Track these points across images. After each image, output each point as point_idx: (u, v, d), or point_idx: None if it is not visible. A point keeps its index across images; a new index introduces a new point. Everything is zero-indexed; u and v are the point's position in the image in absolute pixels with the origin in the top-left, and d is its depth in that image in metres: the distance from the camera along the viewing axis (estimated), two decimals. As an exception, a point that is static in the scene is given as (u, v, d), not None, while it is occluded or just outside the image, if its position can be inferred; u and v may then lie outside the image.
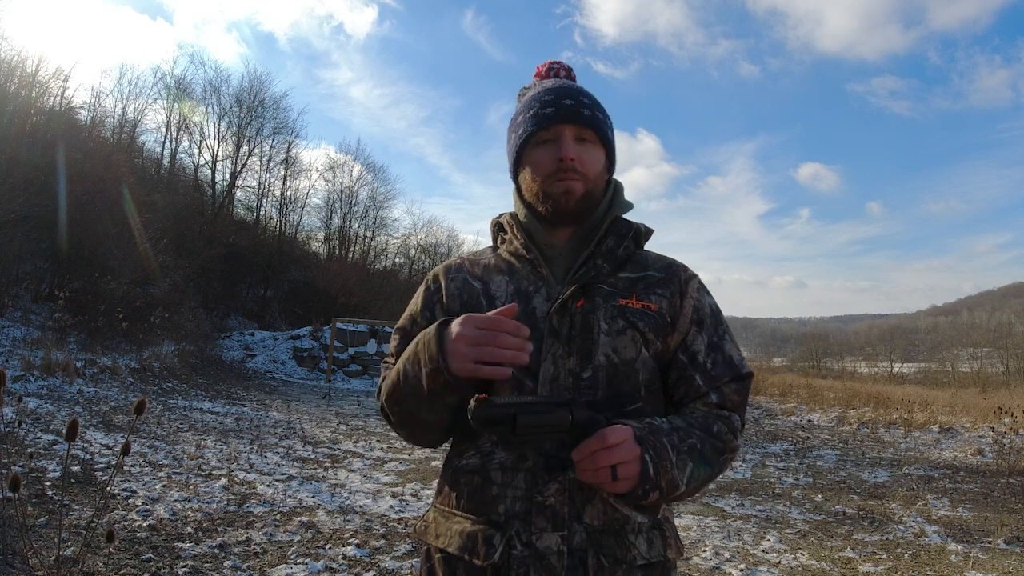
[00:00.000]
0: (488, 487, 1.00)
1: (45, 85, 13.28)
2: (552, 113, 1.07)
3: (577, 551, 0.95)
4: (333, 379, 14.96)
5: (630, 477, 0.87)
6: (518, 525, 0.96)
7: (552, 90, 1.10)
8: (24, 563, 2.65)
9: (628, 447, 0.88)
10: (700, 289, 1.10)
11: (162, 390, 9.29)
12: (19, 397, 5.88)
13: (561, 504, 0.96)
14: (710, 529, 4.68)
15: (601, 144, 1.10)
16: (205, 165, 22.87)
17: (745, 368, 1.07)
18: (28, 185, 10.21)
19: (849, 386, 18.08)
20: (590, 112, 1.08)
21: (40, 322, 10.07)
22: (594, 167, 1.08)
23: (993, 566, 4.10)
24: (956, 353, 60.46)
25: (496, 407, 0.84)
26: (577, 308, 1.03)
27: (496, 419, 0.83)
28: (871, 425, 11.26)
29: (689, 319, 1.07)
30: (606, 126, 1.11)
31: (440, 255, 29.83)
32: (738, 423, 1.04)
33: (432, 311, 1.12)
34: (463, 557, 0.99)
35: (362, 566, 3.40)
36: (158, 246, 13.45)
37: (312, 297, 21.31)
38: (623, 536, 0.97)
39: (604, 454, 0.86)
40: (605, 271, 1.06)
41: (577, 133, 1.07)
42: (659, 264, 1.11)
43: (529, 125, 1.09)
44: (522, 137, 1.10)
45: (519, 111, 1.14)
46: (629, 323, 1.02)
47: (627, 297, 1.04)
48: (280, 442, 6.71)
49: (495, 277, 1.11)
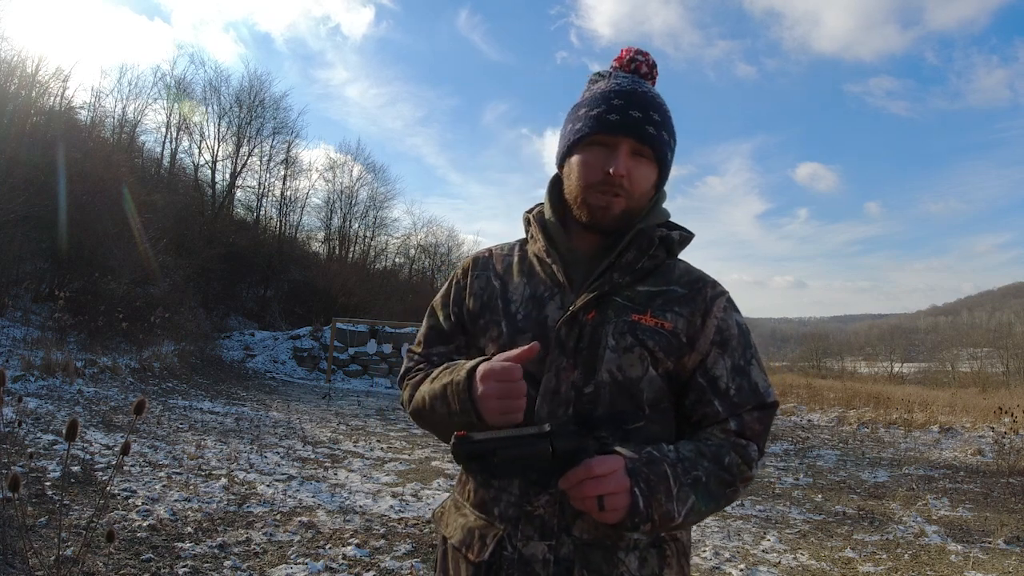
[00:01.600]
0: (488, 488, 1.03)
1: (45, 85, 13.29)
2: (616, 121, 1.01)
3: (564, 561, 0.96)
4: (333, 379, 14.96)
5: (617, 508, 0.86)
6: (510, 529, 0.98)
7: (624, 93, 1.04)
8: (24, 563, 2.65)
9: (616, 479, 0.86)
10: (727, 308, 1.05)
11: (162, 390, 9.29)
12: (19, 397, 5.88)
13: (551, 515, 0.97)
14: (710, 529, 4.68)
15: (656, 163, 1.05)
16: (205, 165, 22.88)
17: (771, 397, 1.02)
18: (28, 185, 10.21)
19: (849, 386, 18.09)
20: (655, 131, 1.03)
21: (40, 322, 10.06)
22: (642, 185, 1.04)
23: (993, 566, 4.10)
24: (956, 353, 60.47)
25: (475, 443, 0.85)
26: (588, 320, 1.01)
27: (475, 455, 0.85)
28: (871, 425, 11.26)
29: (711, 340, 1.02)
30: (668, 147, 1.06)
31: (440, 255, 29.85)
32: (755, 453, 0.99)
33: (460, 307, 1.15)
34: (461, 550, 1.03)
35: (362, 566, 3.40)
36: (158, 246, 13.45)
37: (312, 297, 21.31)
38: (612, 552, 0.97)
39: (590, 484, 0.85)
40: (622, 283, 1.02)
41: (635, 148, 1.02)
42: (685, 279, 1.06)
43: (590, 124, 1.03)
44: (579, 133, 1.05)
45: (584, 101, 1.07)
46: (638, 340, 0.99)
47: (642, 313, 1.01)
48: (280, 442, 6.71)
49: (515, 278, 1.10)
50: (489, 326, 1.09)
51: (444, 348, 1.16)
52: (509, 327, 1.06)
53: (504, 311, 1.07)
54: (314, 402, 10.88)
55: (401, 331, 16.15)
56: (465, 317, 1.14)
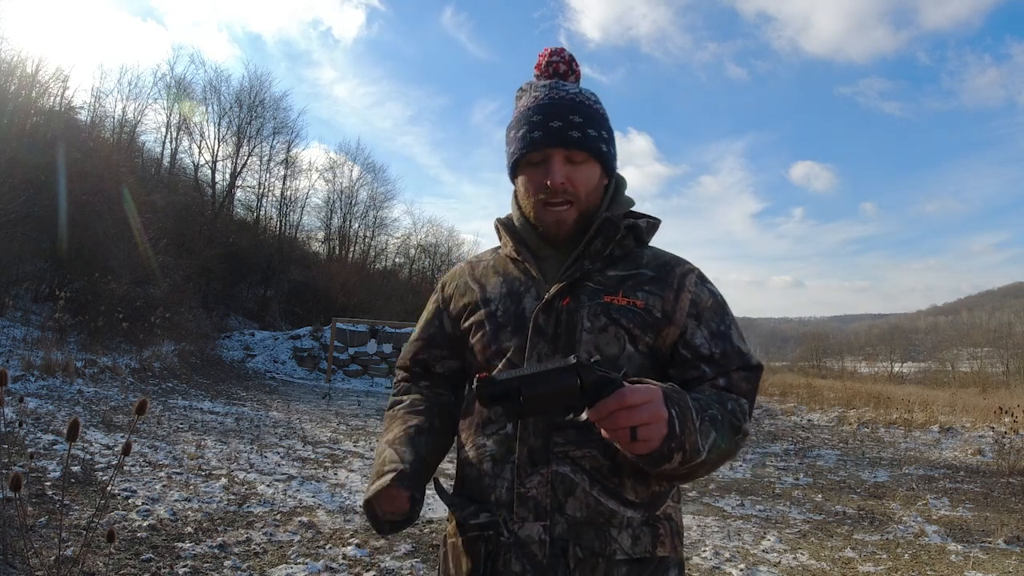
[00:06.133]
0: (483, 477, 1.05)
1: (45, 85, 13.28)
2: (540, 138, 1.05)
3: (559, 541, 0.98)
4: (333, 379, 14.96)
5: (652, 439, 0.84)
6: (506, 513, 1.01)
7: (542, 107, 1.07)
8: (24, 563, 2.65)
9: (652, 409, 0.84)
10: (699, 282, 1.08)
11: (162, 390, 9.29)
12: (19, 397, 5.88)
13: (543, 496, 0.99)
14: (710, 529, 4.68)
15: (595, 159, 1.08)
16: (205, 165, 22.87)
17: (754, 359, 1.06)
18: (28, 185, 10.22)
19: (849, 386, 18.09)
20: (579, 133, 1.05)
21: (40, 322, 10.06)
22: (586, 185, 1.07)
23: (993, 566, 4.10)
24: (956, 353, 60.36)
25: (499, 384, 0.83)
26: (563, 306, 1.04)
27: (500, 396, 0.83)
28: (871, 425, 11.26)
29: (687, 313, 1.05)
30: (599, 140, 1.08)
31: (440, 255, 29.83)
32: (747, 408, 1.03)
33: (441, 319, 1.22)
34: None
35: (362, 566, 3.40)
36: (158, 246, 13.44)
37: (312, 297, 21.30)
38: (605, 530, 0.98)
39: (623, 415, 0.83)
40: (593, 270, 1.06)
41: (567, 156, 1.05)
42: (655, 263, 1.09)
43: (519, 146, 1.08)
44: (513, 156, 1.11)
45: (513, 123, 1.12)
46: (612, 320, 1.03)
47: (614, 294, 1.04)
48: (280, 442, 6.71)
49: (492, 279, 1.15)
50: (473, 326, 1.13)
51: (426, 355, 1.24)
52: (491, 324, 1.10)
53: (485, 311, 1.12)
54: (314, 402, 10.88)
55: (401, 331, 16.14)
56: (449, 325, 1.20)
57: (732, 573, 3.78)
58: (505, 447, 1.03)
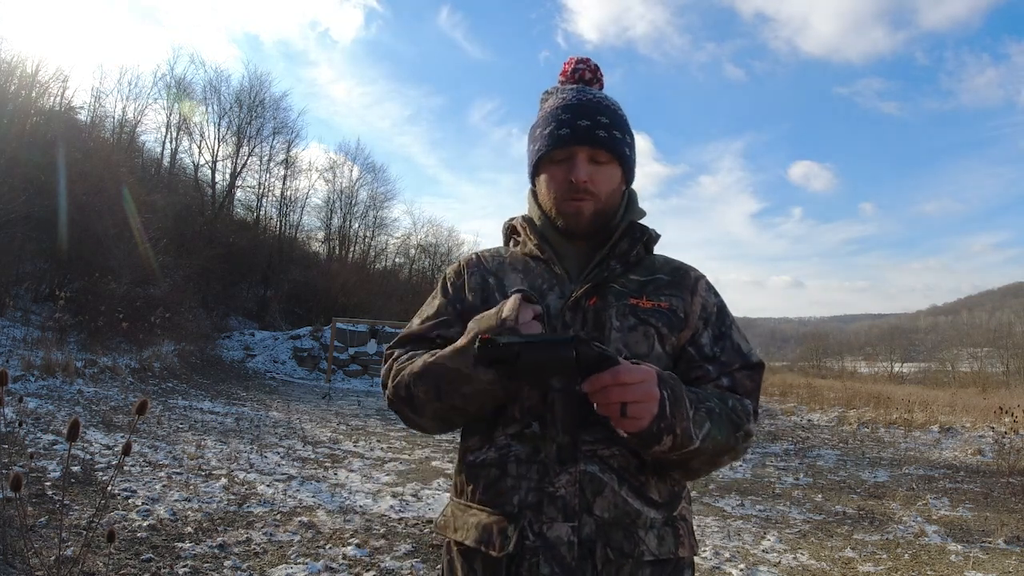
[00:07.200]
0: (504, 479, 1.02)
1: (45, 86, 13.31)
2: (567, 135, 1.08)
3: (587, 542, 0.97)
4: (333, 379, 14.96)
5: (642, 417, 0.87)
6: (531, 515, 0.98)
7: (570, 107, 1.11)
8: (24, 563, 2.65)
9: (645, 388, 0.88)
10: (708, 289, 1.13)
11: (162, 390, 9.29)
12: (19, 397, 5.88)
13: (571, 495, 0.98)
14: (710, 529, 4.68)
15: (617, 161, 1.11)
16: (205, 165, 22.89)
17: (755, 357, 1.09)
18: (28, 185, 10.23)
19: (849, 386, 18.10)
20: (606, 133, 1.09)
21: (40, 322, 10.06)
22: (608, 185, 1.10)
23: (993, 566, 4.10)
24: (956, 353, 60.38)
25: (500, 347, 0.86)
26: (590, 306, 1.05)
27: (500, 357, 0.86)
28: (871, 425, 11.26)
29: (699, 316, 1.09)
30: (623, 144, 1.11)
31: (440, 255, 29.85)
32: (751, 408, 1.05)
33: (462, 302, 1.14)
34: (480, 549, 1.01)
35: (362, 566, 3.40)
36: (158, 246, 13.46)
37: (312, 297, 21.31)
38: (633, 531, 0.98)
39: (615, 390, 0.86)
40: (617, 271, 1.08)
41: (591, 155, 1.08)
42: (667, 268, 1.13)
43: (545, 143, 1.11)
44: (539, 152, 1.12)
45: (539, 122, 1.15)
46: (641, 320, 1.05)
47: (638, 297, 1.07)
48: (280, 442, 6.71)
49: (510, 275, 1.13)
50: None
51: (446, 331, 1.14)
52: None
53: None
54: (314, 402, 10.88)
55: (401, 331, 16.15)
56: (464, 312, 1.13)
57: (732, 573, 3.78)
58: (532, 446, 1.00)
